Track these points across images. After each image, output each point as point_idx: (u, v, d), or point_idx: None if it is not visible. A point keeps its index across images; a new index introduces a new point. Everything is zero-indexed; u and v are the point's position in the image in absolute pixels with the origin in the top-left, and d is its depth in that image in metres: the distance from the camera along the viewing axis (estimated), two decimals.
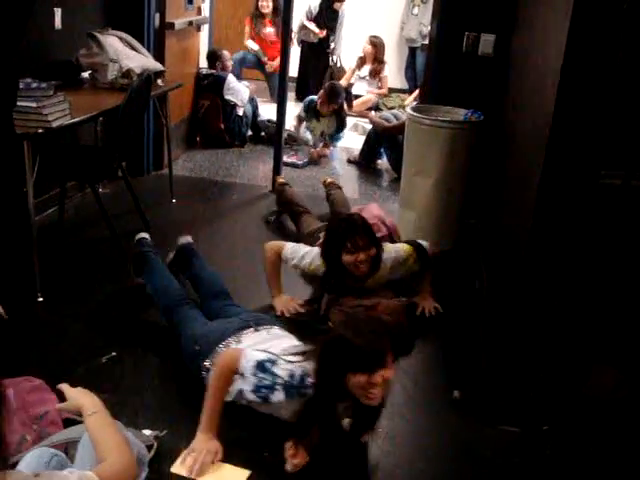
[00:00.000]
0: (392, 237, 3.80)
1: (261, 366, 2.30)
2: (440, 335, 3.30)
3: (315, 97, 6.42)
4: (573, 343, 2.62)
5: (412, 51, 8.31)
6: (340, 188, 4.72)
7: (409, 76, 8.44)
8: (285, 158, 5.70)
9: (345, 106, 6.60)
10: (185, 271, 3.40)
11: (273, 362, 2.31)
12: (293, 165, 5.92)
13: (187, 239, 3.62)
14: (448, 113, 4.33)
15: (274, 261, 3.43)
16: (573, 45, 2.39)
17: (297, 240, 3.79)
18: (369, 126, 6.42)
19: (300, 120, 6.48)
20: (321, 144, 6.35)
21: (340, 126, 6.42)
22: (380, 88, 7.99)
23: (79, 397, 1.88)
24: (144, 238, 3.53)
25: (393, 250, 3.38)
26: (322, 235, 3.43)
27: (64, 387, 1.92)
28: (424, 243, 3.50)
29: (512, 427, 2.61)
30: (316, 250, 3.34)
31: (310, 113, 6.40)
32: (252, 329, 2.67)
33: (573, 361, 2.64)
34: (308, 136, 6.37)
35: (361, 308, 2.97)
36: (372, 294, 3.24)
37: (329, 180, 4.85)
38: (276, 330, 2.72)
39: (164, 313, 3.02)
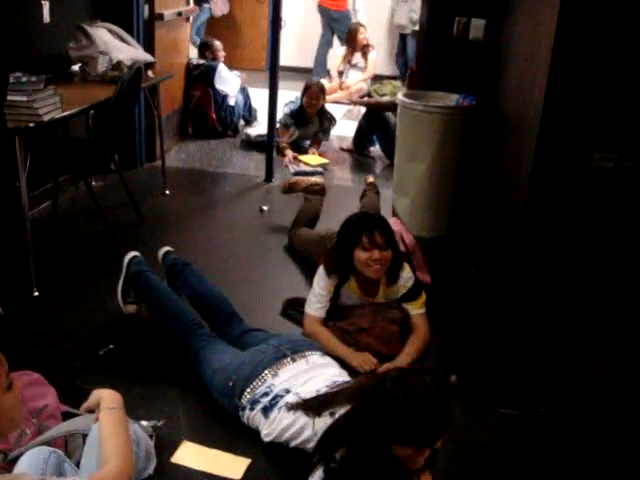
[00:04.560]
0: (409, 257, 3.41)
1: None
2: (436, 320, 3.31)
3: (294, 105, 6.02)
4: (569, 326, 2.63)
5: (403, 38, 8.32)
6: (378, 193, 4.41)
7: (400, 63, 8.45)
8: (293, 167, 5.54)
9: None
10: (178, 288, 3.08)
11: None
12: (305, 173, 5.36)
13: (165, 249, 3.31)
14: (440, 99, 4.33)
15: (317, 329, 2.98)
16: (564, 28, 2.39)
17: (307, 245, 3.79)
18: (363, 109, 6.40)
19: (287, 127, 5.90)
20: (310, 148, 5.98)
21: (324, 124, 6.04)
22: (365, 70, 8.00)
23: (101, 391, 1.90)
24: (135, 256, 3.15)
25: (409, 270, 3.09)
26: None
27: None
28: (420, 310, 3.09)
29: (509, 410, 2.63)
30: (319, 275, 3.05)
31: (297, 119, 5.92)
32: (289, 358, 2.43)
33: (569, 343, 2.66)
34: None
35: (362, 333, 2.91)
36: (377, 313, 3.00)
37: (370, 180, 4.53)
38: (315, 357, 2.48)
39: (178, 341, 2.78)
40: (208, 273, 3.49)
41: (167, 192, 4.81)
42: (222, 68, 6.39)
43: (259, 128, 6.24)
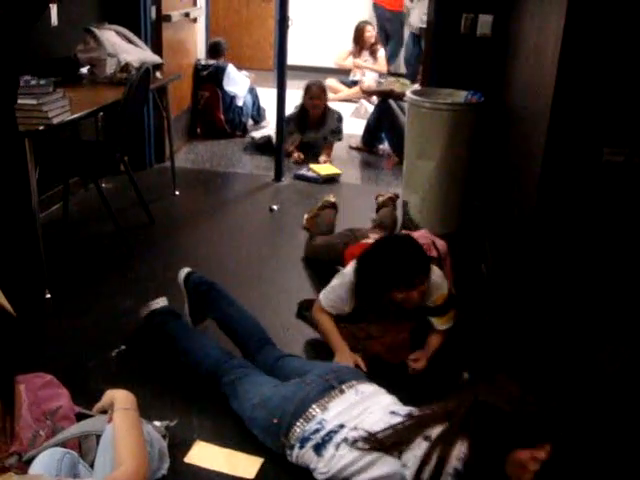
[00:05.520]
0: (440, 262, 3.20)
1: None
2: None
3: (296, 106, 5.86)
4: (580, 322, 2.62)
5: (415, 37, 8.33)
6: (395, 207, 4.29)
7: (412, 62, 8.44)
8: (298, 171, 5.38)
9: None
10: (205, 310, 2.95)
11: None
12: (304, 178, 5.27)
13: (184, 271, 3.06)
14: (448, 95, 4.33)
15: (322, 317, 2.93)
16: (572, 22, 2.38)
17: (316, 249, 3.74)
18: (371, 108, 6.39)
19: (289, 134, 5.66)
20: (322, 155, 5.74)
21: (334, 124, 5.82)
22: (375, 63, 8.00)
23: (115, 391, 1.91)
24: (161, 307, 2.94)
25: (437, 274, 2.91)
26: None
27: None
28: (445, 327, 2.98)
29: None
30: (348, 276, 2.88)
31: (299, 123, 5.77)
32: (337, 390, 2.26)
33: (581, 340, 2.64)
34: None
35: (371, 340, 2.85)
36: (391, 321, 2.89)
37: (389, 195, 4.37)
38: (364, 386, 2.31)
39: (209, 378, 2.59)
40: (219, 272, 3.50)
41: (177, 193, 4.82)
42: (231, 69, 6.40)
43: (263, 130, 6.20)
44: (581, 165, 2.48)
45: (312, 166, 5.42)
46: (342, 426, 2.14)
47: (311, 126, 5.81)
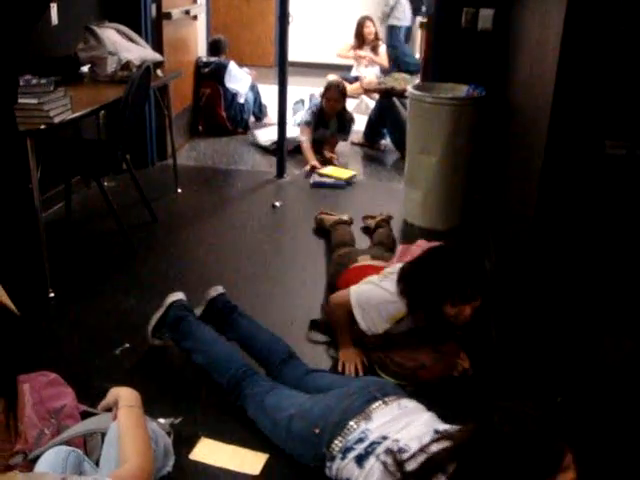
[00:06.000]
0: None
1: None
2: None
3: (317, 101, 5.89)
4: (584, 314, 2.61)
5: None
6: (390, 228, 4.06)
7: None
8: (314, 179, 5.15)
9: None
10: (226, 331, 2.85)
11: None
12: (325, 185, 5.07)
13: (218, 290, 3.00)
14: (450, 90, 4.32)
15: (340, 314, 2.86)
16: (573, 15, 2.37)
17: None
18: (372, 104, 6.39)
19: (308, 125, 5.66)
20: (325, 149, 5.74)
21: (344, 125, 5.88)
22: (376, 55, 8.01)
23: (119, 389, 1.91)
24: (178, 300, 2.90)
25: None
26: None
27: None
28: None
29: (526, 400, 2.62)
30: (389, 292, 2.74)
31: (318, 120, 5.72)
32: (380, 402, 2.19)
33: (586, 332, 2.64)
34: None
35: (408, 371, 2.70)
36: (430, 344, 2.78)
37: (383, 217, 4.11)
38: (405, 401, 2.24)
39: (229, 387, 2.53)
40: (222, 269, 3.51)
41: (179, 190, 4.82)
42: (233, 66, 6.40)
43: (268, 132, 6.07)
44: (583, 158, 2.48)
45: (323, 171, 5.24)
46: (385, 438, 2.06)
47: (324, 124, 5.80)
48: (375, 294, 2.75)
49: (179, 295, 2.92)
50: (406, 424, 2.09)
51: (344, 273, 3.22)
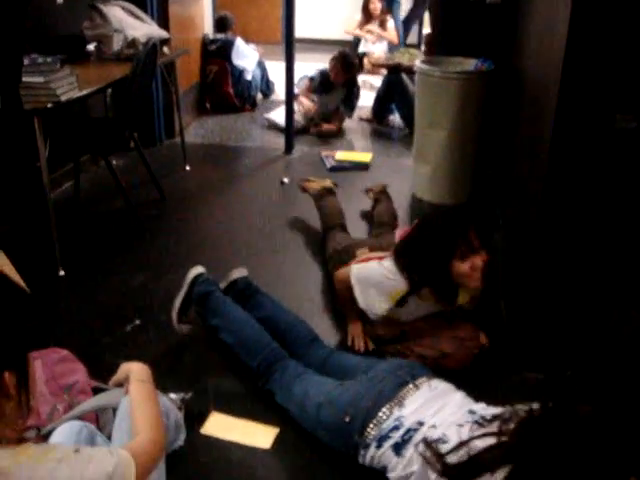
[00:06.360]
0: None
1: None
2: None
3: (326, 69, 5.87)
4: (594, 288, 2.61)
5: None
6: (389, 198, 3.95)
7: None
8: (330, 162, 5.00)
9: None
10: (248, 310, 2.74)
11: None
12: (343, 169, 4.91)
13: (242, 272, 2.93)
14: (458, 64, 4.29)
15: (346, 293, 2.82)
16: None
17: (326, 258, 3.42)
18: (378, 83, 6.36)
19: (310, 90, 5.84)
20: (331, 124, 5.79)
21: (351, 95, 5.89)
22: (384, 31, 7.95)
23: (130, 364, 1.92)
24: (200, 274, 2.83)
25: None
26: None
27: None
28: None
29: (536, 373, 2.63)
30: (387, 269, 2.68)
31: (323, 85, 5.81)
32: (411, 385, 2.12)
33: (595, 306, 2.64)
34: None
35: (430, 360, 2.58)
36: (446, 327, 2.74)
37: (380, 188, 4.04)
38: (436, 382, 2.18)
39: (260, 370, 2.47)
40: (231, 245, 3.51)
41: (187, 168, 4.82)
42: (240, 43, 6.37)
43: (282, 112, 5.73)
44: (593, 132, 2.46)
45: (340, 157, 5.10)
46: (421, 423, 1.98)
47: (328, 89, 5.82)
48: (375, 272, 2.71)
49: (199, 269, 2.85)
50: (440, 407, 2.02)
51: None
